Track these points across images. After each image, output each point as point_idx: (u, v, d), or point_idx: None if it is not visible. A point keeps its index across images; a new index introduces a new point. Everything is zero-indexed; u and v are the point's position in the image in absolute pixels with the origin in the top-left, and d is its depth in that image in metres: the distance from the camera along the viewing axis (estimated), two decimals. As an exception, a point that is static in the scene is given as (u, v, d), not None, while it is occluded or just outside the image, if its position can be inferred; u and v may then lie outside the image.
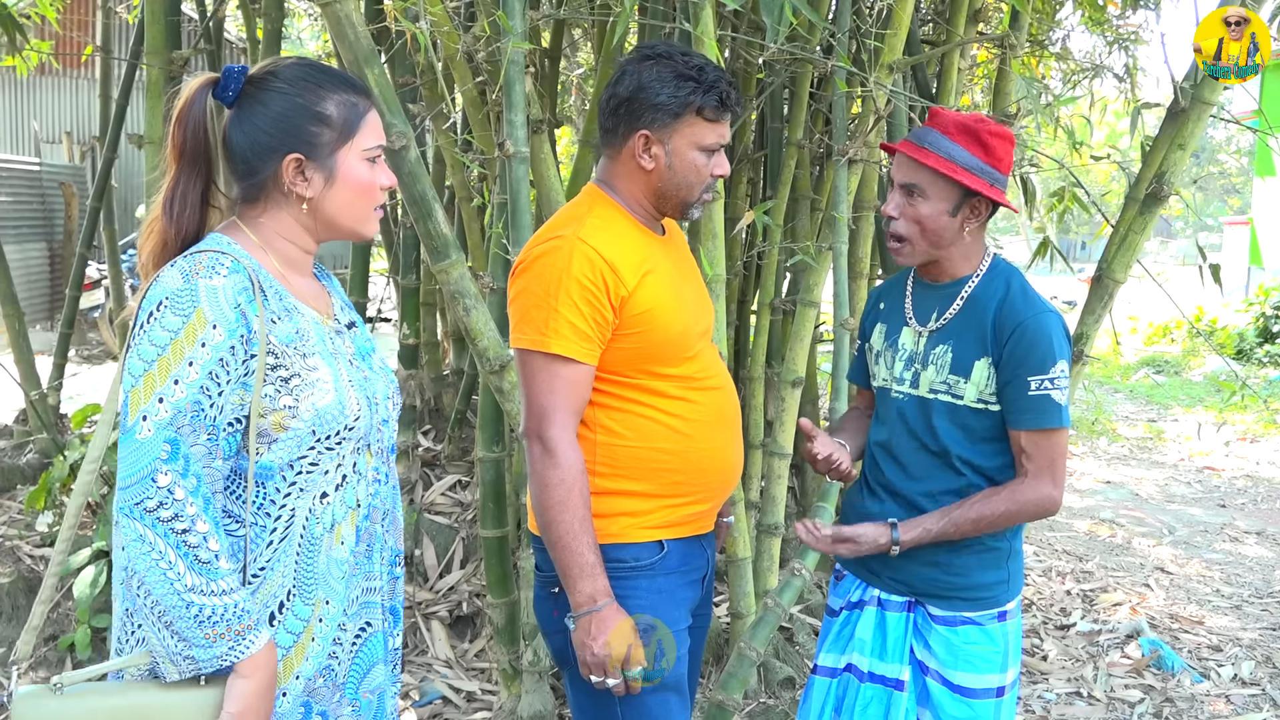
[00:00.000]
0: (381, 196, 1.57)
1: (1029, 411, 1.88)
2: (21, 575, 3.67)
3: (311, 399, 1.45)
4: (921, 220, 1.91)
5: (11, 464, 4.71)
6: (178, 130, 1.48)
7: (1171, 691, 3.60)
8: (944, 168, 1.87)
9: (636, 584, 1.88)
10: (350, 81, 1.54)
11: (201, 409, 1.36)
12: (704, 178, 1.89)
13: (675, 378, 1.90)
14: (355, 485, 1.54)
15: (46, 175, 11.63)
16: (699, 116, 1.83)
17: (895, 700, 2.00)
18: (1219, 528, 5.81)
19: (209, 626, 1.34)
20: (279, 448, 1.45)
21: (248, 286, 1.42)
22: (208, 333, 1.37)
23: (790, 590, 2.76)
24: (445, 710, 3.25)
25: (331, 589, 1.51)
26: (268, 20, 3.98)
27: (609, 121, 1.89)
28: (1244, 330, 11.81)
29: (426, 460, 4.38)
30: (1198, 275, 3.57)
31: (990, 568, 1.98)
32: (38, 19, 5.48)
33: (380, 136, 1.55)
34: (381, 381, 1.63)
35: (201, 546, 1.34)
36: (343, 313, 1.64)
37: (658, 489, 1.90)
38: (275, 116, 1.47)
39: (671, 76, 1.81)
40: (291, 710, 1.48)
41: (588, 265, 1.79)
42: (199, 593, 1.33)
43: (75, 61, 13.10)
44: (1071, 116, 4.27)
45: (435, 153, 4.28)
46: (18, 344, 4.81)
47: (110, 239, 5.35)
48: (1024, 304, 1.90)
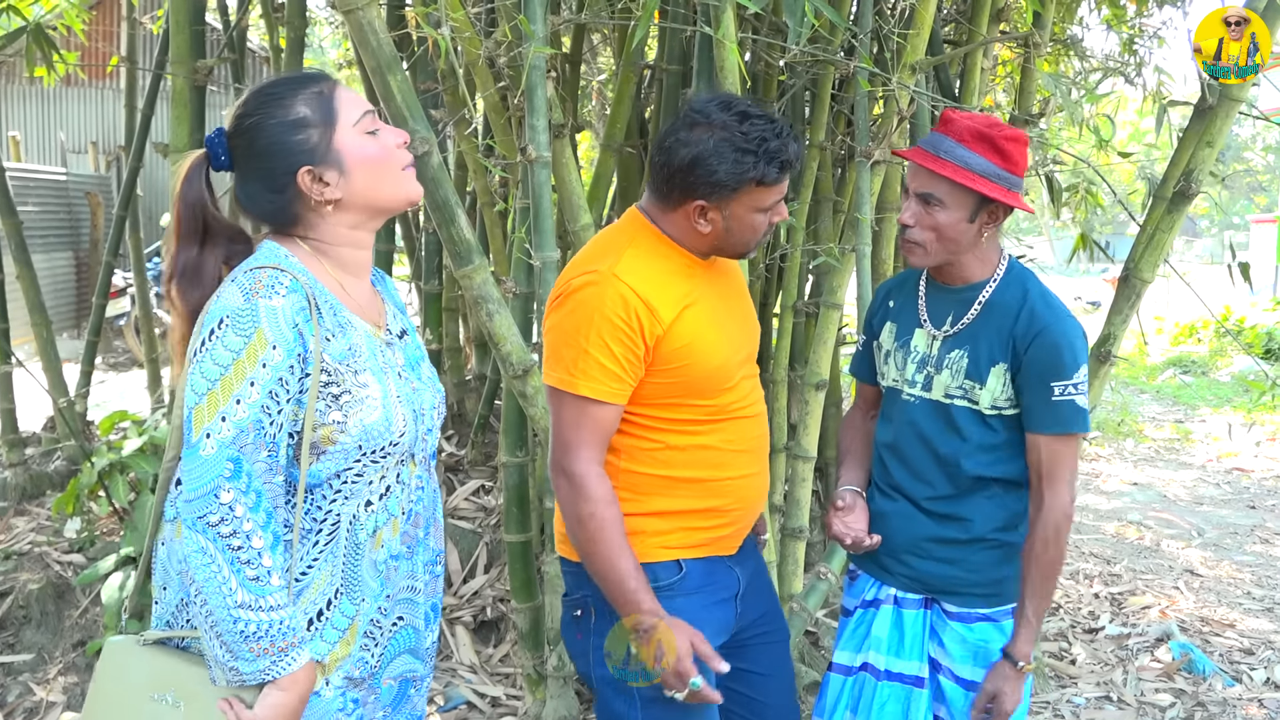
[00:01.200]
0: (403, 154, 1.56)
1: (1052, 417, 1.87)
2: (50, 581, 3.70)
3: (360, 415, 1.49)
4: (939, 228, 1.89)
5: (40, 471, 4.75)
6: (182, 209, 1.52)
7: (1203, 696, 3.55)
8: (962, 178, 1.85)
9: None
10: (307, 75, 1.56)
11: (262, 427, 1.41)
12: (761, 232, 1.85)
13: (708, 408, 1.87)
14: (399, 494, 1.58)
15: (72, 185, 11.75)
16: (759, 185, 1.77)
17: (915, 697, 2.00)
18: (1249, 529, 5.74)
19: (253, 641, 1.39)
20: (327, 460, 1.49)
21: (305, 306, 1.45)
22: (268, 353, 1.41)
23: (816, 594, 2.74)
24: (470, 715, 3.25)
25: (369, 588, 1.55)
26: (290, 29, 4.00)
27: (662, 185, 1.82)
28: (1272, 329, 11.67)
29: (450, 465, 4.39)
30: (1224, 274, 3.53)
31: (1003, 563, 1.97)
32: (64, 31, 5.54)
33: (360, 103, 1.55)
34: (429, 391, 1.65)
35: (253, 563, 1.39)
36: (395, 321, 1.66)
37: (678, 512, 1.88)
38: (264, 149, 1.50)
39: (730, 150, 1.74)
40: (334, 699, 1.54)
41: (621, 305, 1.76)
42: (247, 609, 1.38)
43: (100, 72, 13.23)
44: (1094, 115, 4.22)
45: (457, 158, 4.29)
46: (45, 352, 4.85)
47: (136, 247, 5.39)
48: (1046, 310, 1.89)
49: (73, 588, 3.66)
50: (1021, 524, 1.97)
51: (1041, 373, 1.86)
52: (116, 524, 4.02)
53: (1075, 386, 1.86)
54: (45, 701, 3.27)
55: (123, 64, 5.03)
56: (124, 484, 3.73)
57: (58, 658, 3.46)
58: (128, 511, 3.88)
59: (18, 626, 3.61)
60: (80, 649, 3.45)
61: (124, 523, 3.89)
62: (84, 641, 3.47)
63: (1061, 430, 1.87)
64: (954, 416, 1.94)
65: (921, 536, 1.99)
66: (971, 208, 1.87)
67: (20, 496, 4.60)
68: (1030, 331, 1.87)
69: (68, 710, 3.22)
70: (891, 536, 2.02)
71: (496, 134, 3.39)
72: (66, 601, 3.65)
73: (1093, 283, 19.54)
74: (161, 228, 10.81)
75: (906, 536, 2.00)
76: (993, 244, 1.96)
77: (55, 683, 3.36)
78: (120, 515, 3.98)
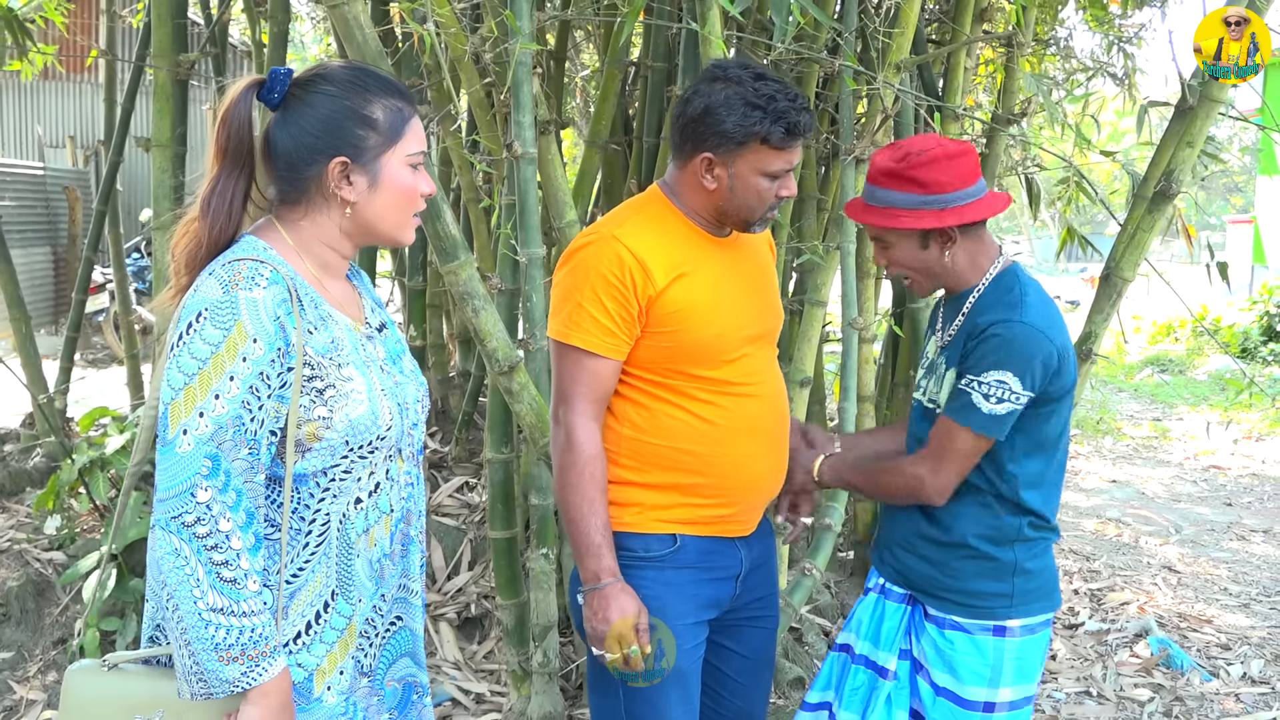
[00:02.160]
0: (421, 204, 1.56)
1: (952, 399, 1.89)
2: (30, 579, 3.67)
3: (345, 410, 1.46)
4: (904, 264, 1.95)
5: (19, 468, 4.71)
6: (221, 131, 1.47)
7: (1181, 690, 3.59)
8: (887, 220, 1.90)
9: (644, 574, 1.92)
10: (397, 87, 1.54)
11: (242, 423, 1.37)
12: (766, 200, 1.89)
13: (709, 380, 1.91)
14: (389, 491, 1.56)
15: (50, 180, 11.65)
16: (764, 145, 1.83)
17: (880, 687, 2.02)
18: (1226, 526, 5.80)
19: (224, 650, 1.34)
20: (313, 456, 1.46)
21: (286, 298, 1.42)
22: (249, 347, 1.37)
23: (800, 590, 2.76)
24: (454, 712, 3.25)
25: (364, 587, 1.53)
26: (273, 23, 3.98)
27: (677, 137, 1.91)
28: (1248, 329, 11.80)
29: (433, 462, 4.38)
30: (1202, 274, 3.56)
31: (988, 577, 1.95)
32: (42, 23, 5.48)
33: (422, 142, 1.55)
34: (412, 385, 1.63)
35: (230, 564, 1.35)
36: (374, 315, 1.65)
37: (677, 485, 1.92)
38: (322, 119, 1.47)
39: (740, 103, 1.81)
40: (336, 705, 1.50)
41: (616, 263, 1.84)
42: (221, 613, 1.34)
43: (79, 66, 13.11)
44: (1076, 115, 4.26)
45: (442, 154, 4.28)
46: (24, 348, 4.81)
47: (115, 243, 5.35)
48: (1001, 309, 1.87)
49: (53, 585, 3.64)
50: (1011, 543, 1.95)
51: (964, 361, 1.87)
52: (97, 521, 3.99)
53: (980, 384, 1.84)
54: (25, 699, 3.24)
55: (102, 57, 4.98)
56: (104, 481, 3.70)
57: (38, 655, 3.44)
58: (108, 508, 3.85)
59: (-3, 624, 3.58)
60: (60, 647, 3.43)
61: (104, 520, 3.86)
62: (64, 639, 3.44)
63: (949, 414, 1.88)
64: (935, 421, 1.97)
65: (910, 532, 2.01)
66: (917, 238, 1.92)
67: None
68: (979, 327, 1.87)
69: (48, 709, 3.20)
70: (890, 529, 2.07)
71: (482, 130, 3.39)
72: (47, 599, 3.63)
73: (1072, 282, 19.68)
74: (142, 224, 10.74)
75: (899, 530, 2.04)
76: (978, 249, 1.95)
77: (35, 680, 3.34)
78: (101, 512, 3.95)
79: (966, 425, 1.86)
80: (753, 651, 2.10)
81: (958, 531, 1.95)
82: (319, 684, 1.48)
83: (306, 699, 1.48)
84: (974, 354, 1.86)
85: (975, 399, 1.84)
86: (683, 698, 1.96)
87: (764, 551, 2.08)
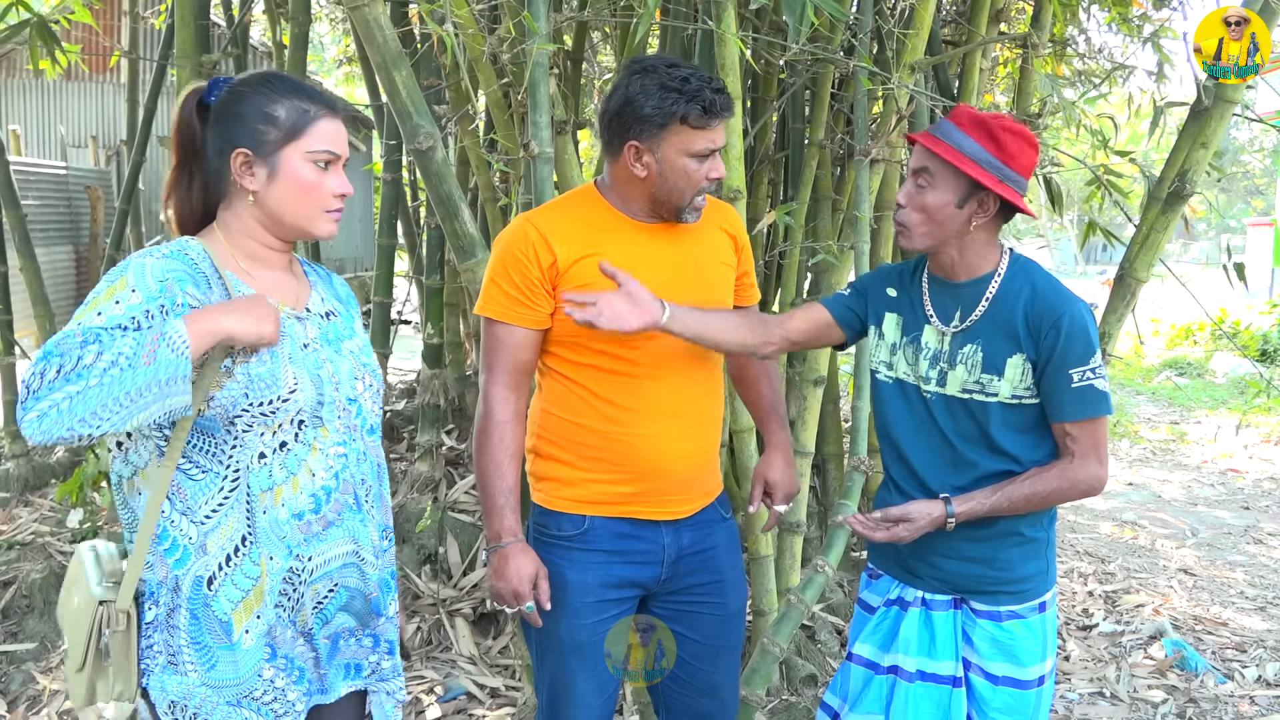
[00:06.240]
0: (331, 200, 1.66)
1: (1075, 403, 1.90)
2: (53, 571, 3.72)
3: (247, 365, 1.56)
4: (927, 209, 1.91)
5: (42, 462, 4.78)
6: (174, 133, 1.67)
7: (1195, 692, 3.59)
8: (951, 156, 1.88)
9: (552, 550, 2.04)
10: (307, 91, 1.66)
11: (124, 330, 1.46)
12: (695, 182, 1.96)
13: (614, 357, 1.99)
14: (304, 456, 1.63)
15: (72, 179, 11.76)
16: (685, 125, 1.90)
17: (955, 697, 2.01)
18: (1243, 530, 5.77)
19: (139, 359, 1.38)
20: (217, 405, 1.55)
21: (180, 269, 1.55)
22: (125, 294, 1.49)
23: (813, 587, 2.77)
24: (469, 706, 3.28)
25: (275, 546, 1.61)
26: (294, 24, 4.03)
27: (605, 134, 2.00)
28: (1268, 332, 11.72)
29: (450, 459, 4.42)
30: (1221, 277, 3.55)
31: (1031, 559, 2.00)
32: (66, 24, 5.55)
33: (331, 144, 1.65)
34: (347, 364, 1.71)
35: (75, 364, 1.38)
36: (322, 304, 1.75)
37: (581, 463, 2.03)
38: (233, 116, 1.62)
39: (656, 89, 1.90)
40: (255, 648, 1.60)
41: (521, 239, 1.98)
42: (109, 364, 1.37)
43: (101, 66, 13.25)
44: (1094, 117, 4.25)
45: (460, 153, 4.32)
46: (48, 344, 4.87)
47: (138, 241, 5.42)
48: (1057, 298, 1.91)
49: (75, 578, 3.68)
50: (1046, 521, 1.99)
51: (1060, 361, 1.88)
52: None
53: (1093, 371, 1.89)
54: (48, 690, 3.29)
55: (125, 58, 5.05)
56: (126, 475, 3.74)
57: (60, 646, 3.49)
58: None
59: (21, 616, 3.64)
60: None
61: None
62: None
63: (1084, 415, 1.90)
64: (973, 411, 1.95)
65: (950, 538, 1.98)
66: (961, 192, 1.90)
67: (23, 487, 4.63)
68: (1047, 320, 1.89)
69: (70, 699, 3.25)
70: (922, 541, 2.00)
71: (499, 130, 3.42)
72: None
73: (1090, 285, 19.59)
74: (162, 223, 10.83)
75: (935, 540, 1.99)
76: (992, 238, 1.97)
77: (58, 671, 3.39)
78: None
79: (1106, 413, 1.91)
80: (707, 637, 2.13)
81: (1004, 522, 1.96)
82: (237, 627, 1.58)
83: (228, 638, 1.58)
84: (1061, 344, 1.87)
85: (1098, 385, 1.90)
86: (583, 666, 2.04)
87: (704, 539, 2.11)
